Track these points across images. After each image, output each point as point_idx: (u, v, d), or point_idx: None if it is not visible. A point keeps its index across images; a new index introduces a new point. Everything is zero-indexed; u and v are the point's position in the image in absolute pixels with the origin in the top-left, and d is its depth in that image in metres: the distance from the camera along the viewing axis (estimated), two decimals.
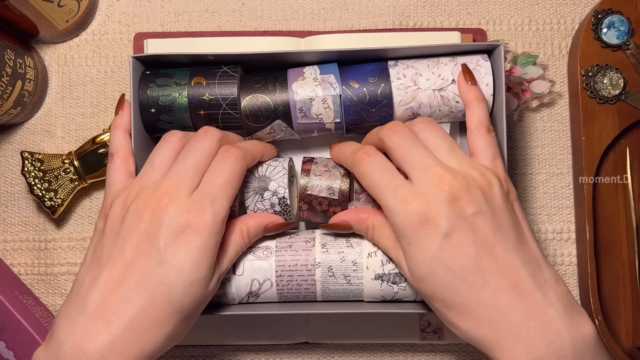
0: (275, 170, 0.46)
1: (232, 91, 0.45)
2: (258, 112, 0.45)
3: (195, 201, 0.38)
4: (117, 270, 0.37)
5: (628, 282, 0.50)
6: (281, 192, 0.44)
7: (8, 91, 0.48)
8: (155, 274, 0.37)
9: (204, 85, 0.45)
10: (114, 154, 0.43)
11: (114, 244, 0.38)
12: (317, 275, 0.43)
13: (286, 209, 0.45)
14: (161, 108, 0.45)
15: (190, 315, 0.39)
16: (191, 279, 0.37)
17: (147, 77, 0.46)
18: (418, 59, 0.46)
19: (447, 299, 0.37)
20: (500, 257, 0.36)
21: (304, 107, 0.45)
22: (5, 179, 0.54)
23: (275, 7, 0.55)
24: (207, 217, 0.38)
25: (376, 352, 0.53)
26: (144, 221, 0.38)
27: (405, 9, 0.54)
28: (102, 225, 0.40)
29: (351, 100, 0.45)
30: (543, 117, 0.54)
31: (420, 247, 0.37)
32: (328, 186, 0.45)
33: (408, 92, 0.45)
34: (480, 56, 0.45)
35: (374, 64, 0.46)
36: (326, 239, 0.44)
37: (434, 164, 0.38)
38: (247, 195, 0.45)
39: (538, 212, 0.53)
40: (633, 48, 0.51)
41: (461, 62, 0.45)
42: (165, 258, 0.37)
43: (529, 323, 0.35)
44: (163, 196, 0.38)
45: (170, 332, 0.38)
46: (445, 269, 0.36)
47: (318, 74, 0.45)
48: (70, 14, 0.51)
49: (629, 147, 0.51)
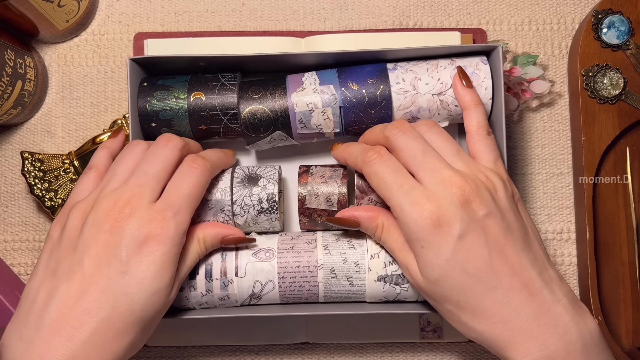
0: (267, 170, 0.46)
1: (232, 105, 0.45)
2: (258, 123, 0.45)
3: (157, 212, 0.38)
4: (76, 283, 0.36)
5: (628, 282, 0.50)
6: (270, 188, 0.44)
7: (8, 91, 0.48)
8: (117, 285, 0.36)
9: (203, 101, 0.45)
10: (91, 167, 0.43)
11: (71, 256, 0.37)
12: (319, 277, 0.43)
13: (273, 206, 0.45)
14: (161, 123, 0.46)
15: (151, 324, 0.39)
16: (154, 289, 0.37)
17: (145, 89, 0.46)
18: (417, 62, 0.46)
19: (461, 300, 0.37)
20: (511, 257, 0.37)
21: (304, 119, 0.45)
22: (5, 179, 0.54)
23: (275, 7, 0.55)
24: (170, 228, 0.38)
25: (376, 352, 0.53)
26: (104, 232, 0.37)
27: (405, 9, 0.54)
28: (57, 235, 0.39)
29: (350, 102, 0.45)
30: (543, 117, 0.54)
31: (435, 249, 0.37)
32: (327, 198, 0.44)
33: (407, 97, 0.45)
34: (479, 59, 0.45)
35: (373, 66, 0.46)
36: (328, 241, 0.44)
37: (443, 166, 0.38)
38: (235, 189, 0.45)
39: (538, 212, 0.54)
40: (633, 48, 0.51)
41: (460, 64, 0.45)
42: (127, 269, 0.37)
43: (540, 320, 0.36)
44: (124, 206, 0.38)
45: (132, 342, 0.37)
46: (460, 270, 0.36)
47: (317, 83, 0.45)
48: (70, 14, 0.51)
49: (629, 147, 0.51)
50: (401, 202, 0.38)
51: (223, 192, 0.44)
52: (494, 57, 0.45)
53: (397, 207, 0.38)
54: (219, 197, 0.44)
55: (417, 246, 0.38)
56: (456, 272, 0.37)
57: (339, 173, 0.45)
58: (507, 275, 0.37)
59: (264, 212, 0.45)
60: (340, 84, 0.45)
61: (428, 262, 0.37)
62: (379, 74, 0.45)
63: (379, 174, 0.39)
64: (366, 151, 0.41)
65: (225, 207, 0.44)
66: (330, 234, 0.45)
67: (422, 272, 0.38)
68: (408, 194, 0.38)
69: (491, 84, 0.44)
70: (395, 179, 0.39)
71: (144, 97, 0.46)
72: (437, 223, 0.36)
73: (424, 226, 0.37)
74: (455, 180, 0.37)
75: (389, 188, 0.39)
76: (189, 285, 0.43)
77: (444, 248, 0.36)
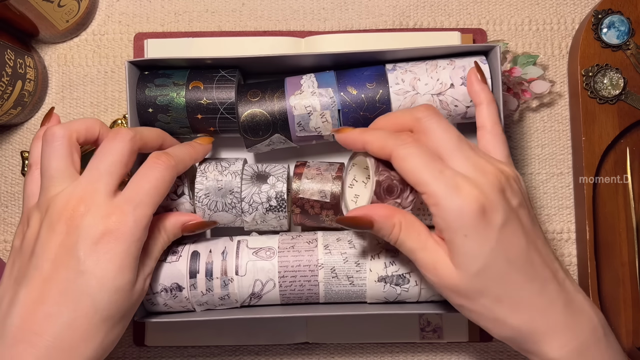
0: (276, 168, 0.46)
1: (229, 96, 0.45)
2: (257, 127, 0.45)
3: (115, 206, 0.37)
4: (35, 288, 0.35)
5: (628, 282, 0.50)
6: (279, 186, 0.44)
7: (8, 91, 0.48)
8: (76, 285, 0.35)
9: (202, 90, 0.45)
10: (32, 165, 0.41)
11: (29, 261, 0.36)
12: (320, 277, 0.43)
13: (282, 204, 0.45)
14: (158, 108, 0.45)
15: (120, 321, 0.38)
16: (115, 287, 0.36)
17: (146, 77, 0.46)
18: (416, 62, 0.46)
19: (501, 292, 0.36)
20: (540, 248, 0.37)
21: (302, 122, 0.45)
22: (5, 179, 0.54)
23: (275, 7, 0.55)
24: (129, 222, 0.36)
25: (376, 352, 0.53)
26: (58, 233, 0.36)
27: (405, 9, 0.54)
28: (19, 243, 0.38)
29: (349, 107, 0.45)
30: (543, 117, 0.54)
31: (481, 238, 0.35)
32: (320, 189, 0.44)
33: (407, 97, 0.45)
34: (478, 58, 0.45)
35: (371, 69, 0.46)
36: (329, 240, 0.44)
37: (476, 154, 0.38)
38: (244, 186, 0.45)
39: (538, 212, 0.54)
40: (633, 48, 0.51)
41: (459, 64, 0.45)
42: (85, 268, 0.35)
43: (569, 309, 0.37)
44: (78, 204, 0.36)
45: (102, 342, 0.36)
46: (504, 259, 0.36)
47: (316, 86, 0.45)
48: (70, 14, 0.51)
49: (629, 147, 0.51)
50: (443, 188, 0.35)
51: (234, 174, 0.44)
52: (492, 56, 0.45)
53: (439, 193, 0.35)
54: (229, 179, 0.44)
55: (459, 235, 0.35)
56: (499, 261, 0.35)
57: (334, 167, 0.45)
58: (541, 265, 0.37)
59: (272, 210, 0.45)
60: (339, 87, 0.45)
61: (470, 252, 0.35)
62: (378, 78, 0.45)
63: (416, 156, 0.36)
64: (399, 135, 0.38)
65: (234, 189, 0.44)
66: (331, 234, 0.45)
67: (462, 264, 0.36)
68: (450, 179, 0.35)
69: (490, 84, 0.44)
70: (435, 164, 0.36)
71: (143, 83, 0.46)
72: (482, 210, 0.35)
73: (470, 212, 0.35)
74: (489, 168, 0.37)
75: (426, 171, 0.36)
76: (189, 284, 0.43)
77: (491, 236, 0.35)
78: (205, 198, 0.44)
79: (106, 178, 0.38)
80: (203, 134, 0.47)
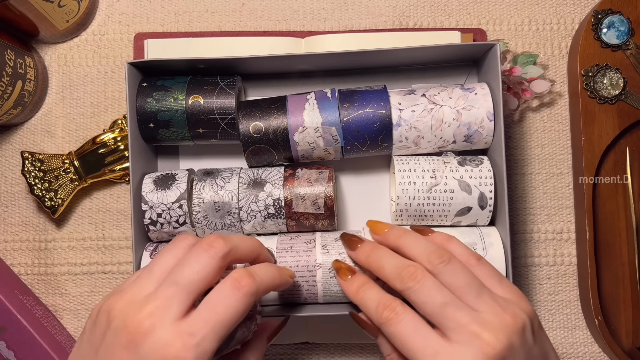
0: (272, 174, 0.46)
1: (230, 109, 0.45)
2: (262, 158, 0.47)
3: (179, 335, 0.33)
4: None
5: (628, 282, 0.50)
6: (276, 193, 0.45)
7: (8, 91, 0.48)
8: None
9: (202, 104, 0.45)
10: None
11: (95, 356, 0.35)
12: (318, 277, 0.43)
13: (280, 212, 0.45)
14: (160, 123, 0.46)
15: None
16: None
17: (144, 90, 0.46)
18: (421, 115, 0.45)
19: None
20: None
21: (306, 154, 0.46)
22: (5, 179, 0.54)
23: (275, 7, 0.55)
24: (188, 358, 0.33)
25: (376, 352, 0.53)
26: (120, 347, 0.34)
27: (405, 9, 0.54)
28: (90, 327, 0.36)
29: (352, 145, 0.45)
30: (543, 117, 0.54)
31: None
32: (313, 201, 0.45)
33: (408, 151, 0.47)
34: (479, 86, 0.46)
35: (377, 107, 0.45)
36: (327, 240, 0.44)
37: (470, 321, 0.35)
38: (241, 194, 0.45)
39: (538, 212, 0.54)
40: (633, 48, 0.51)
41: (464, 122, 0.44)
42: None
43: None
44: (144, 319, 0.34)
45: None
46: None
47: (320, 123, 0.45)
48: (70, 14, 0.51)
49: (629, 147, 0.51)
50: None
51: (230, 194, 0.45)
52: (491, 55, 0.45)
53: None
54: (226, 200, 0.44)
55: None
56: None
57: (324, 175, 0.45)
58: None
59: (270, 218, 0.45)
60: (343, 128, 0.45)
61: None
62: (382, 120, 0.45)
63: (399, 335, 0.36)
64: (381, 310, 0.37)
65: (232, 210, 0.44)
66: (329, 234, 0.45)
67: None
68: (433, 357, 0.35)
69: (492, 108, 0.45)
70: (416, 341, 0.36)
71: (142, 97, 0.46)
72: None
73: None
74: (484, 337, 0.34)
75: (412, 352, 0.35)
76: None
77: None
78: (204, 220, 0.45)
79: (182, 296, 0.34)
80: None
